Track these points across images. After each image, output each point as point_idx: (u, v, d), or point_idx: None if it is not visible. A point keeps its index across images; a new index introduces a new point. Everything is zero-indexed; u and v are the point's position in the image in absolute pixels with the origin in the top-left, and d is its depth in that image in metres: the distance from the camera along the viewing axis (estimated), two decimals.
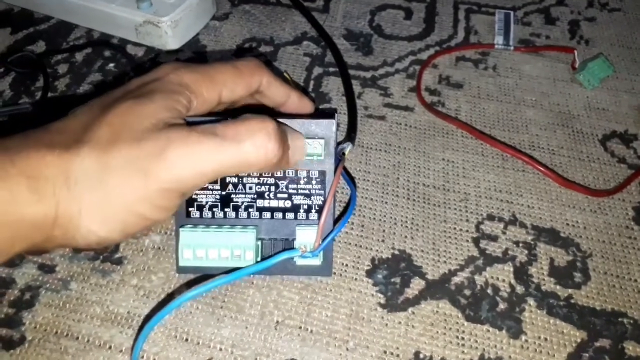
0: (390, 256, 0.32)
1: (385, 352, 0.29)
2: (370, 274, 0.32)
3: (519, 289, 0.31)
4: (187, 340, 0.29)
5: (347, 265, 0.32)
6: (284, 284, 0.31)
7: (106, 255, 0.32)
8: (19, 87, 0.42)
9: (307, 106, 0.32)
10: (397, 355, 0.28)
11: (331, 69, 0.44)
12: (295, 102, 0.31)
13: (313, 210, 0.29)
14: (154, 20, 0.43)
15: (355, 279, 0.31)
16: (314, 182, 0.29)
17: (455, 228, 0.34)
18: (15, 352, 0.28)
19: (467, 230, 0.34)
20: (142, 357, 0.28)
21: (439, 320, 0.30)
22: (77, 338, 0.29)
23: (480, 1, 0.50)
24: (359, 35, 0.47)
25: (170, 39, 0.44)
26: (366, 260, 0.32)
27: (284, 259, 0.28)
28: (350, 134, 0.38)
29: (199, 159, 0.23)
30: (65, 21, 0.48)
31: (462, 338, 0.29)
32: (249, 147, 0.24)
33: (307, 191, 0.29)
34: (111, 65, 0.44)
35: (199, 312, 0.30)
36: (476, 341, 0.29)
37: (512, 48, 0.45)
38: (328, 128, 0.28)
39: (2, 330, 0.29)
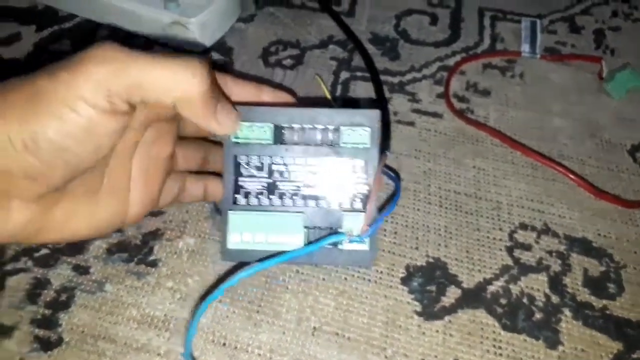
0: (424, 264, 0.32)
1: (423, 359, 0.29)
2: (405, 281, 0.32)
3: (554, 298, 0.31)
4: (224, 344, 0.29)
5: (381, 272, 0.32)
6: (320, 289, 0.31)
7: (140, 257, 0.32)
8: None
9: (283, 97, 0.31)
10: None
11: (358, 74, 0.44)
12: (269, 96, 0.30)
13: (357, 199, 0.29)
14: (182, 21, 0.43)
15: (391, 286, 0.31)
16: (358, 171, 0.29)
17: (488, 237, 0.34)
18: (53, 353, 0.28)
19: (500, 239, 0.34)
20: None
21: (476, 329, 0.30)
22: (114, 340, 0.29)
23: (504, 8, 0.50)
24: (385, 39, 0.47)
25: (198, 40, 0.44)
26: (401, 268, 0.32)
27: (331, 243, 0.28)
28: (385, 141, 0.38)
29: (127, 62, 0.23)
30: (90, 19, 0.48)
31: (500, 347, 0.29)
32: (175, 64, 0.23)
33: (351, 180, 0.29)
34: None
35: (236, 317, 0.30)
36: (514, 351, 0.29)
37: (538, 56, 0.45)
38: (373, 117, 0.29)
39: (40, 331, 0.29)
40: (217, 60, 0.44)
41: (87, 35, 0.46)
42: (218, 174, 0.32)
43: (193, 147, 0.32)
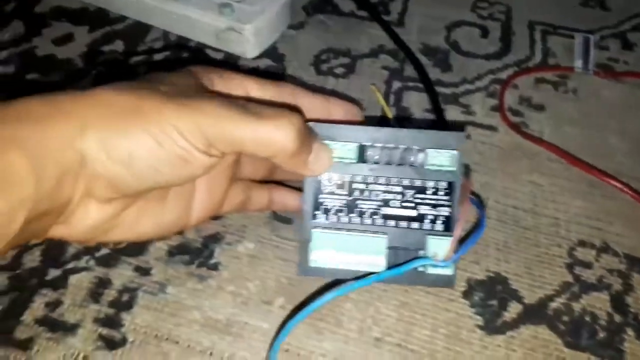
0: (485, 278, 0.32)
1: None
2: (466, 295, 0.32)
3: (617, 318, 0.31)
4: (287, 351, 0.29)
5: (440, 286, 0.32)
6: (382, 300, 0.31)
7: (201, 260, 0.32)
8: None
9: (353, 112, 0.31)
10: None
11: (410, 84, 0.44)
12: (338, 109, 0.30)
13: (439, 222, 0.29)
14: (236, 27, 0.43)
15: (452, 299, 0.31)
16: (441, 193, 0.29)
17: (547, 253, 0.34)
18: (118, 353, 0.28)
19: (560, 256, 0.34)
20: None
21: (538, 346, 0.30)
22: (178, 342, 0.29)
23: (555, 22, 0.50)
24: (437, 50, 0.47)
25: (252, 46, 0.44)
26: (461, 281, 0.32)
27: (415, 267, 0.28)
28: None
29: (227, 120, 0.24)
30: (141, 22, 0.48)
31: None
32: (269, 125, 0.24)
33: (433, 202, 0.29)
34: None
35: (298, 323, 0.30)
36: None
37: (591, 72, 0.45)
38: (459, 139, 0.28)
39: (104, 329, 0.29)
40: (269, 66, 0.45)
41: (139, 37, 0.47)
42: (283, 184, 0.32)
43: (260, 157, 0.32)
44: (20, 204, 0.20)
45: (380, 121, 0.40)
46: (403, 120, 0.40)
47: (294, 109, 0.27)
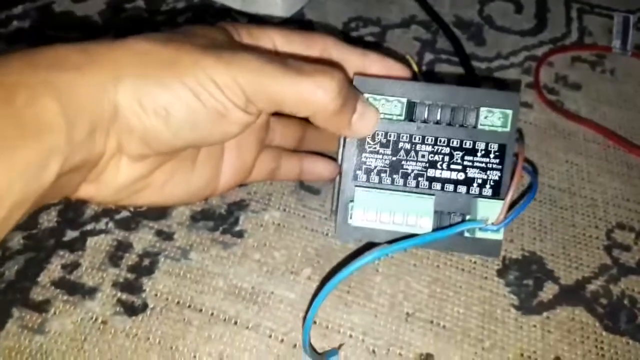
0: (520, 257, 0.31)
1: (522, 354, 0.27)
2: (501, 273, 0.30)
3: None
4: (315, 322, 0.28)
5: (475, 262, 0.31)
6: (412, 275, 0.30)
7: (226, 227, 0.31)
8: None
9: (395, 69, 0.28)
10: None
11: (443, 56, 0.42)
12: (377, 65, 0.28)
13: (487, 186, 0.27)
14: None
15: (486, 277, 0.30)
16: (492, 155, 0.27)
17: (584, 234, 0.32)
18: (138, 319, 0.27)
19: (597, 237, 0.32)
20: (270, 336, 0.27)
21: (575, 328, 0.29)
22: (201, 310, 0.28)
23: (592, 1, 0.48)
24: (470, 24, 0.45)
25: (280, 8, 0.43)
26: (496, 260, 0.31)
27: (463, 230, 0.27)
28: None
29: (266, 75, 0.22)
30: None
31: (602, 348, 0.28)
32: (309, 81, 0.23)
33: (483, 165, 0.27)
34: None
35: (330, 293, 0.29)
36: (616, 353, 0.28)
37: (629, 53, 0.43)
38: (513, 100, 0.27)
39: (123, 294, 0.28)
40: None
41: None
42: (314, 153, 0.31)
43: (292, 125, 0.31)
44: (52, 154, 0.19)
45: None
46: None
47: (336, 65, 0.26)
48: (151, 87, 0.21)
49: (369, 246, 0.28)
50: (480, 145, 0.27)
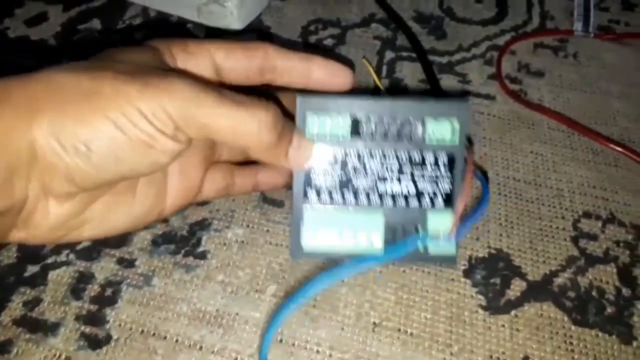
0: (487, 255, 0.31)
1: (491, 356, 0.27)
2: (467, 274, 0.30)
3: (625, 291, 0.30)
4: (281, 341, 0.27)
5: (442, 264, 0.30)
6: (378, 283, 0.30)
7: (188, 249, 0.31)
8: None
9: (339, 73, 0.28)
10: None
11: (404, 54, 0.41)
12: (321, 70, 0.27)
13: (439, 198, 0.27)
14: (219, 0, 0.41)
15: (452, 279, 0.30)
16: (442, 167, 0.27)
17: (551, 226, 0.32)
18: (102, 352, 0.27)
19: (564, 229, 0.32)
20: (236, 358, 0.27)
21: (544, 324, 0.28)
22: (165, 338, 0.27)
23: None
24: (430, 17, 0.44)
25: (235, 19, 0.42)
26: (462, 260, 0.30)
27: (415, 247, 0.26)
28: None
29: (196, 102, 0.22)
30: None
31: (571, 343, 0.28)
32: (243, 112, 0.22)
33: (434, 176, 0.27)
34: None
35: (292, 312, 0.28)
36: (586, 347, 0.28)
37: (592, 35, 0.43)
38: (462, 109, 0.26)
39: (87, 327, 0.28)
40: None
41: (116, 14, 0.44)
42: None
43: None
44: None
45: (372, 94, 0.38)
46: (396, 94, 0.38)
47: (272, 99, 0.25)
48: (69, 123, 0.20)
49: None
50: (429, 157, 0.27)
